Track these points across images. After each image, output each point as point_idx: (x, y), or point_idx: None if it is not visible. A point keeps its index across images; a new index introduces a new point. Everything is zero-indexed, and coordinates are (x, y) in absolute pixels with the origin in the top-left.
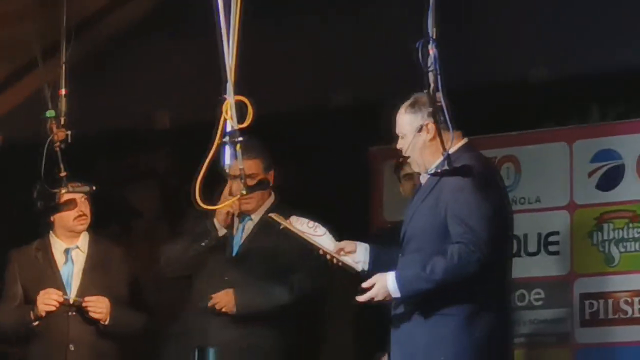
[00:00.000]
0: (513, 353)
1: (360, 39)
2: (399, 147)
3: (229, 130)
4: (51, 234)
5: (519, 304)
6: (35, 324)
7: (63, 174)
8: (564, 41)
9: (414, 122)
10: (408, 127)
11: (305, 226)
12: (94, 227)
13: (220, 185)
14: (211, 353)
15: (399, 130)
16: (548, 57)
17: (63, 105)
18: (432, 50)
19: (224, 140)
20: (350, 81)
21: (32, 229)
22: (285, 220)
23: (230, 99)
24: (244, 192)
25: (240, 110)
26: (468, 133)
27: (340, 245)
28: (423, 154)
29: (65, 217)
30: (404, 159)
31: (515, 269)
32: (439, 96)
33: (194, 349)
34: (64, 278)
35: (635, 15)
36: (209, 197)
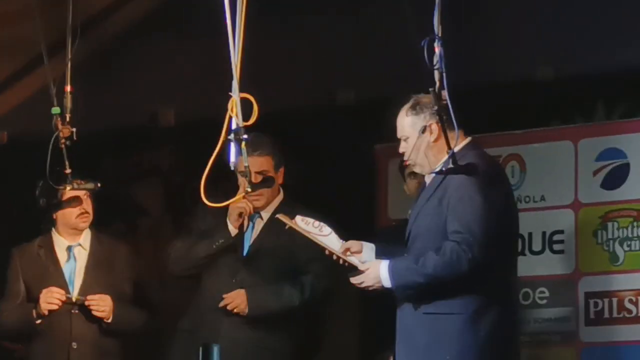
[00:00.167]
0: (519, 351)
1: (364, 37)
2: (401, 151)
3: (234, 128)
4: (53, 231)
5: (524, 302)
6: (38, 322)
7: (68, 171)
8: (570, 39)
9: (417, 124)
10: (410, 130)
11: (311, 226)
12: (99, 225)
13: (225, 182)
14: (215, 350)
15: (400, 134)
16: (553, 56)
17: (68, 102)
18: (438, 48)
19: (229, 137)
20: (355, 79)
21: (36, 226)
22: (290, 221)
23: (235, 97)
24: (249, 190)
25: (246, 108)
26: (473, 131)
27: (347, 245)
28: (428, 155)
29: (68, 215)
30: (405, 162)
31: (520, 267)
32: (445, 95)
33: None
34: (66, 276)
35: None
36: (213, 195)
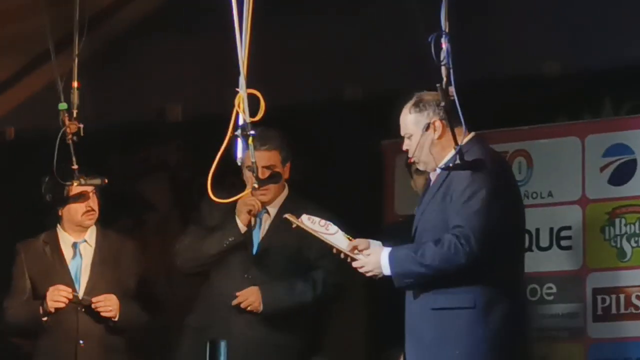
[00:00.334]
0: (529, 346)
1: (372, 33)
2: (405, 149)
3: (241, 123)
4: (59, 227)
5: (531, 298)
6: (44, 319)
7: (75, 166)
8: (577, 35)
9: (420, 122)
10: (414, 127)
11: (317, 225)
12: (106, 221)
13: (232, 178)
14: (223, 346)
15: (404, 131)
16: (561, 52)
17: (75, 98)
18: (445, 44)
19: (237, 133)
20: (362, 75)
21: (42, 222)
22: (297, 220)
23: (242, 92)
24: (257, 186)
25: (253, 103)
26: (480, 127)
27: (354, 244)
28: (432, 152)
29: (74, 212)
30: (409, 159)
31: (528, 263)
32: (452, 90)
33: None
34: (72, 272)
35: None
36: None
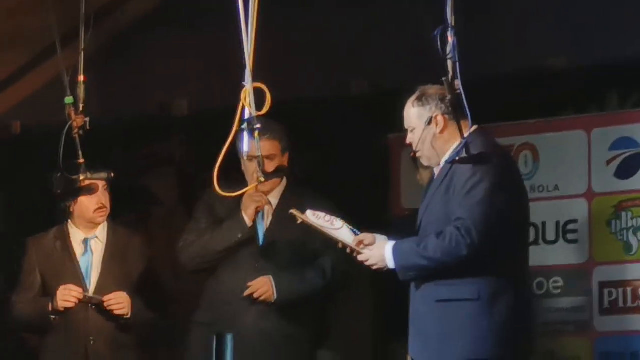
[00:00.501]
0: (535, 338)
1: (378, 27)
2: (409, 142)
3: (247, 117)
4: (70, 223)
5: (538, 292)
6: (52, 317)
7: (81, 160)
8: (583, 29)
9: (423, 115)
10: (417, 121)
11: (322, 220)
12: (111, 216)
13: (237, 172)
14: (229, 340)
15: (407, 124)
16: (567, 45)
17: (81, 91)
18: (451, 38)
19: (242, 127)
20: (368, 69)
21: (48, 217)
22: (302, 215)
23: (248, 86)
24: (262, 180)
25: (258, 97)
26: (486, 121)
27: (360, 238)
28: (435, 146)
29: (85, 208)
30: (414, 153)
31: (534, 257)
32: (458, 84)
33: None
34: (82, 269)
35: None
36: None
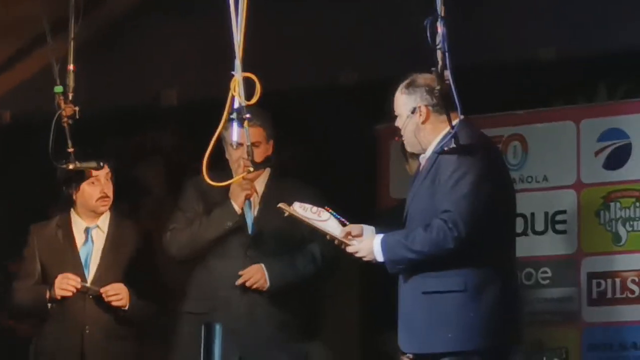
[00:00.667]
0: (522, 328)
1: (367, 18)
2: (396, 125)
3: (236, 107)
4: (72, 211)
5: (526, 282)
6: (49, 306)
7: (71, 149)
8: (572, 20)
9: (408, 104)
10: (403, 108)
11: (309, 212)
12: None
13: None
14: (217, 329)
15: (396, 110)
16: (556, 36)
17: (71, 81)
18: (441, 28)
19: (232, 116)
20: (357, 60)
21: (41, 205)
22: (290, 208)
23: (238, 76)
24: (252, 170)
25: (248, 87)
26: (475, 111)
27: (347, 230)
28: (417, 136)
29: (88, 197)
30: (398, 137)
31: (523, 248)
32: (447, 74)
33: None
34: (82, 258)
35: None
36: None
